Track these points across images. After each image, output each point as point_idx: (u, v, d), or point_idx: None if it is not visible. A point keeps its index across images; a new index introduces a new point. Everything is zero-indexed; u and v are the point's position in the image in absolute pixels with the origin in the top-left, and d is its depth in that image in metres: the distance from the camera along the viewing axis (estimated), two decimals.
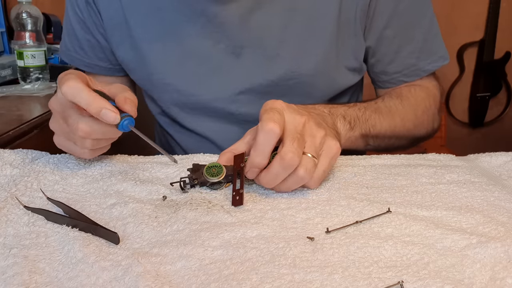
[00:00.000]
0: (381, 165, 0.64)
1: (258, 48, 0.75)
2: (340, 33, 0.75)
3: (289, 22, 0.74)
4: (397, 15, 0.76)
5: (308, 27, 0.75)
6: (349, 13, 0.75)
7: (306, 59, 0.76)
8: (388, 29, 0.77)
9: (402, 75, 0.82)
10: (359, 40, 0.78)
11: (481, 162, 0.66)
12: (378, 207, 0.51)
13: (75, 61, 0.88)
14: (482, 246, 0.43)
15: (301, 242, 0.45)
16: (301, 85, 0.77)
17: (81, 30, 0.84)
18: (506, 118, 2.38)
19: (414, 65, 0.81)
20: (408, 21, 0.78)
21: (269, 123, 0.51)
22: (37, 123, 0.97)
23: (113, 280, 0.39)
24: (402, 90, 0.82)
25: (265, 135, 0.51)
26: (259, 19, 0.74)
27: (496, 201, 0.53)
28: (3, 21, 1.45)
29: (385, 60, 0.81)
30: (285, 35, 0.75)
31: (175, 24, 0.76)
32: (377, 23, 0.77)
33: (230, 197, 0.54)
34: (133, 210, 0.51)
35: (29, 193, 0.55)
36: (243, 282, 0.39)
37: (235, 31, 0.74)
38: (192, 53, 0.77)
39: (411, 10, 0.77)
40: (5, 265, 0.41)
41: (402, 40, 0.79)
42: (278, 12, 0.74)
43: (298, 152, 0.51)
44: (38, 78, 1.21)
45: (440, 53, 0.82)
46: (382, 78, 0.83)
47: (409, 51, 0.80)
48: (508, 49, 2.25)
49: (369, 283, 0.38)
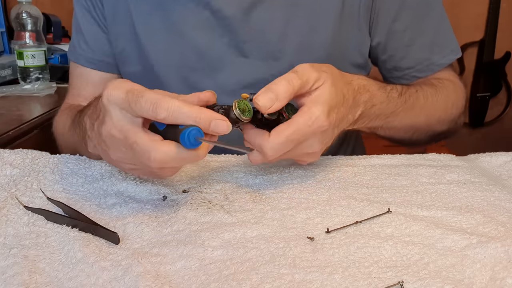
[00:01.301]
0: (381, 165, 0.64)
1: (261, 42, 0.75)
2: (342, 28, 0.75)
3: (292, 16, 0.74)
4: (406, 7, 0.76)
5: (311, 22, 0.75)
6: (352, 7, 0.75)
7: (308, 54, 0.76)
8: (397, 22, 0.77)
9: (415, 71, 0.80)
10: (363, 35, 0.77)
11: (481, 162, 0.66)
12: (378, 207, 0.51)
13: (79, 58, 0.87)
14: (482, 246, 0.43)
15: (301, 242, 0.45)
16: None
17: (86, 22, 0.83)
18: (506, 118, 2.38)
19: (427, 59, 0.80)
20: (418, 13, 0.77)
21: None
22: (37, 123, 0.97)
23: (113, 280, 0.39)
24: (432, 81, 0.79)
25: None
26: (261, 14, 0.74)
27: (496, 201, 0.53)
28: (3, 21, 1.46)
29: (397, 55, 0.80)
30: (288, 30, 0.75)
31: (178, 17, 0.76)
32: (384, 17, 0.76)
33: (229, 197, 0.54)
34: (133, 210, 0.51)
35: (29, 193, 0.55)
36: (243, 282, 0.39)
37: (238, 25, 0.74)
38: (195, 46, 0.77)
39: (420, 3, 0.77)
40: (5, 265, 0.41)
41: (413, 33, 0.78)
42: (280, 6, 0.74)
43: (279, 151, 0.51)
44: (38, 78, 1.21)
45: (451, 47, 0.82)
46: (395, 74, 0.82)
47: (420, 44, 0.79)
48: (508, 49, 2.25)
49: (369, 283, 0.38)
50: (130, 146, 0.46)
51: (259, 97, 0.50)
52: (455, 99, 0.80)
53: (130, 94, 0.45)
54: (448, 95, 0.79)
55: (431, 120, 0.77)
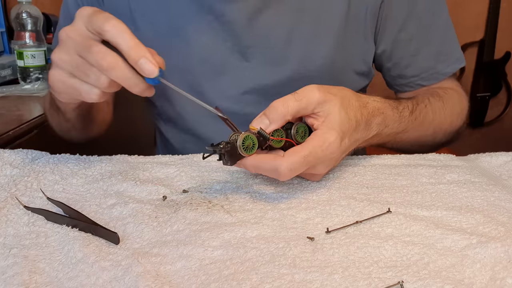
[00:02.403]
0: (381, 165, 0.64)
1: (265, 48, 0.75)
2: (347, 36, 0.75)
3: (297, 23, 0.74)
4: (413, 17, 0.76)
5: (315, 29, 0.74)
6: (358, 16, 0.74)
7: (312, 61, 0.75)
8: (403, 31, 0.76)
9: (420, 79, 0.80)
10: (368, 43, 0.77)
11: (481, 162, 0.66)
12: (378, 207, 0.51)
13: None
14: (482, 246, 0.43)
15: (301, 242, 0.45)
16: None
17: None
18: (506, 118, 2.38)
19: (432, 68, 0.80)
20: (425, 23, 0.77)
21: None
22: (37, 123, 0.97)
23: (113, 280, 0.39)
24: (439, 92, 0.78)
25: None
26: (266, 19, 0.73)
27: (496, 201, 0.53)
28: (3, 21, 1.45)
29: (402, 63, 0.80)
30: (292, 36, 0.74)
31: (181, 21, 0.75)
32: (391, 26, 0.76)
33: (229, 197, 0.54)
34: (133, 210, 0.51)
35: (29, 193, 0.55)
36: (243, 282, 0.39)
37: (242, 30, 0.74)
38: (197, 50, 0.76)
39: (427, 12, 0.77)
40: (5, 265, 0.41)
41: (419, 43, 0.78)
42: (285, 12, 0.73)
43: (295, 172, 0.51)
44: (38, 78, 1.21)
45: (456, 55, 0.81)
46: (399, 81, 0.82)
47: (426, 54, 0.79)
48: (508, 49, 2.25)
49: (369, 283, 0.38)
50: (88, 46, 0.48)
51: (253, 124, 0.52)
52: (460, 110, 0.80)
53: (94, 11, 0.49)
54: (454, 107, 0.79)
55: (437, 133, 0.77)
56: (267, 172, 0.51)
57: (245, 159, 0.51)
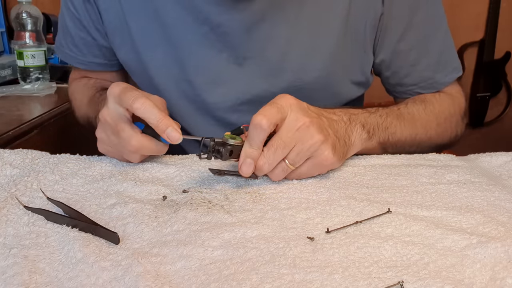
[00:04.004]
0: (381, 165, 0.64)
1: (261, 59, 0.75)
2: (345, 49, 0.75)
3: (293, 35, 0.73)
4: (412, 28, 0.75)
5: (312, 42, 0.74)
6: (357, 30, 0.74)
7: (309, 73, 0.75)
8: (402, 42, 0.76)
9: (419, 88, 0.81)
10: (367, 55, 0.77)
11: (481, 162, 0.66)
12: (378, 207, 0.51)
13: (68, 58, 0.88)
14: (482, 246, 0.43)
15: (301, 242, 0.45)
16: (303, 98, 0.77)
17: (75, 28, 0.83)
18: (506, 118, 2.38)
19: (431, 78, 0.80)
20: (424, 34, 0.77)
21: (258, 117, 0.54)
22: (37, 123, 0.97)
23: (113, 280, 0.39)
24: (426, 96, 0.80)
25: (253, 128, 0.55)
26: (263, 31, 0.73)
27: (496, 201, 0.53)
28: (3, 21, 1.45)
29: (401, 72, 0.80)
30: (289, 48, 0.74)
31: (176, 31, 0.75)
32: (391, 36, 0.76)
33: (229, 197, 0.54)
34: (133, 210, 0.51)
35: (29, 193, 0.55)
36: (243, 282, 0.39)
37: (238, 41, 0.74)
38: (193, 61, 0.76)
39: (426, 23, 0.76)
40: (5, 265, 0.41)
41: (418, 53, 0.78)
42: (282, 25, 0.73)
43: (270, 162, 0.56)
44: (38, 78, 1.21)
45: (454, 64, 0.81)
46: (398, 89, 0.83)
47: (425, 64, 0.79)
48: (508, 49, 2.25)
49: (369, 283, 0.38)
50: (117, 131, 0.60)
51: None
52: (449, 114, 0.80)
53: (123, 90, 0.59)
54: (441, 110, 0.79)
55: (430, 133, 0.77)
56: (254, 135, 0.55)
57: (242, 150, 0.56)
